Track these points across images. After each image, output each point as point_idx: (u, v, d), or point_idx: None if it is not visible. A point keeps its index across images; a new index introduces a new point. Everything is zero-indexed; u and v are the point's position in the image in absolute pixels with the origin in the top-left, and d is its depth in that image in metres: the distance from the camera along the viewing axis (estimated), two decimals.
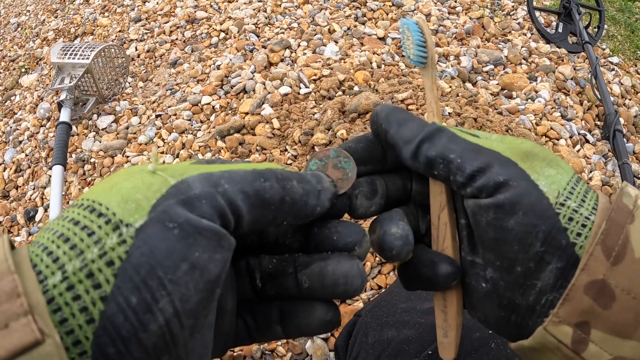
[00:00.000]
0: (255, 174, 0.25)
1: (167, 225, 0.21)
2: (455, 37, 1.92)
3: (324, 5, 2.07)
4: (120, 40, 2.11)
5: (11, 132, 1.85)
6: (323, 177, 0.29)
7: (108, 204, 0.22)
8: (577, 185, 0.28)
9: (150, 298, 0.20)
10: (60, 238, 0.21)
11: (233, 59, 1.81)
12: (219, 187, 0.23)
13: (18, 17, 2.66)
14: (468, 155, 0.28)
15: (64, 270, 0.20)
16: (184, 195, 0.23)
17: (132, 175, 0.24)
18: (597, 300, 0.25)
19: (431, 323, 0.57)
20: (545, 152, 0.29)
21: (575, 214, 0.26)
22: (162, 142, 1.58)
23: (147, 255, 0.21)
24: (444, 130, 0.30)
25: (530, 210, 0.26)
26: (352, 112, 1.39)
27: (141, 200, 0.22)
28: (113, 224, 0.21)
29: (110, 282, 0.20)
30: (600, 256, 0.25)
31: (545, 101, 1.64)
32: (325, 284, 0.28)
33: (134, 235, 0.21)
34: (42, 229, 0.23)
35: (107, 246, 0.20)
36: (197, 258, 0.22)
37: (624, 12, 2.51)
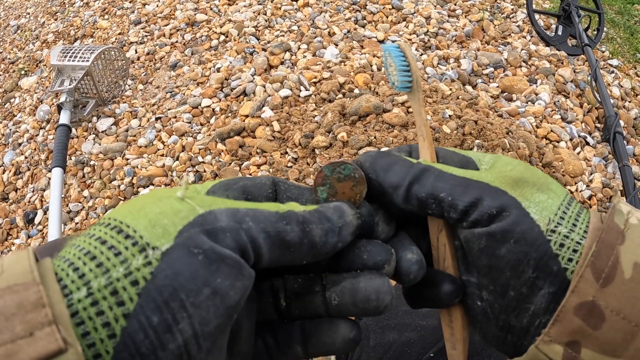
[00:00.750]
0: (279, 217, 0.26)
1: (192, 251, 0.22)
2: (455, 39, 1.92)
3: (324, 8, 2.07)
4: (120, 43, 2.11)
5: (11, 134, 1.85)
6: (346, 211, 0.29)
7: (135, 226, 0.23)
8: (569, 209, 0.28)
9: (171, 319, 0.21)
10: (87, 255, 0.22)
11: (233, 61, 1.81)
12: (244, 224, 0.24)
13: (18, 20, 2.67)
14: (458, 191, 0.29)
15: (89, 286, 0.21)
16: (209, 225, 0.23)
17: (160, 200, 0.24)
18: (587, 320, 0.25)
19: (433, 325, 0.57)
20: (536, 176, 0.30)
21: (566, 240, 0.27)
22: (162, 145, 1.57)
23: (171, 278, 0.21)
24: (429, 169, 0.30)
25: (522, 238, 0.27)
26: (353, 114, 1.39)
27: (168, 225, 0.23)
28: (140, 246, 0.22)
29: (134, 300, 0.21)
30: (590, 278, 0.26)
31: (546, 104, 1.64)
32: (357, 300, 0.29)
33: (159, 257, 0.22)
34: (67, 245, 0.24)
35: (133, 266, 0.21)
36: (219, 284, 0.22)
37: (623, 15, 2.52)
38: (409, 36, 1.89)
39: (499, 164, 0.31)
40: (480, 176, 0.29)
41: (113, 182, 1.50)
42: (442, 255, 0.32)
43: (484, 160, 0.32)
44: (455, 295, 0.31)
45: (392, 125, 1.34)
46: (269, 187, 0.30)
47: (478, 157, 0.32)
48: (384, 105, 1.40)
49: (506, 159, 0.31)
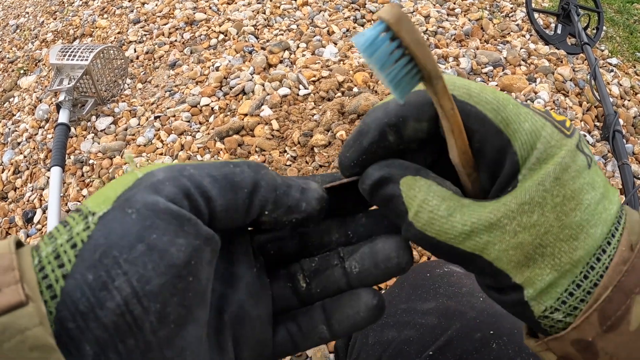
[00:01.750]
0: (225, 163, 0.26)
1: (126, 211, 0.23)
2: (454, 38, 1.92)
3: (323, 7, 2.07)
4: (119, 42, 2.11)
5: (10, 133, 1.85)
6: (309, 180, 0.29)
7: (88, 202, 0.24)
8: (584, 282, 0.25)
9: (105, 275, 0.21)
10: (48, 236, 0.23)
11: (232, 60, 1.81)
12: (184, 172, 0.24)
13: (17, 19, 2.66)
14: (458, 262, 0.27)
15: (40, 254, 0.22)
16: (147, 182, 0.24)
17: (124, 182, 0.25)
18: (581, 353, 0.26)
19: (432, 324, 0.56)
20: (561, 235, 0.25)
21: (558, 323, 0.26)
22: (161, 144, 1.57)
23: (104, 237, 0.22)
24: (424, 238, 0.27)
25: (514, 312, 0.28)
26: (352, 113, 1.39)
27: (109, 193, 0.24)
28: (83, 215, 0.23)
29: (72, 261, 0.22)
30: (594, 322, 0.25)
31: (545, 102, 1.64)
32: (378, 261, 0.29)
33: (97, 221, 0.23)
34: None
35: (74, 232, 0.22)
36: (155, 240, 0.22)
37: (622, 14, 2.52)
38: None
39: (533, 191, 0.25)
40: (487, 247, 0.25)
41: (112, 181, 1.50)
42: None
43: (530, 158, 0.26)
44: None
45: None
46: None
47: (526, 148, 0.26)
48: None
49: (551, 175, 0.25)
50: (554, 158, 0.25)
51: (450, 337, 0.54)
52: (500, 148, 0.26)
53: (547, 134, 0.26)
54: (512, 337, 0.53)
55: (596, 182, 0.26)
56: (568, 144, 0.26)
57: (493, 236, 0.25)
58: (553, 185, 0.25)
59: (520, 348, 0.52)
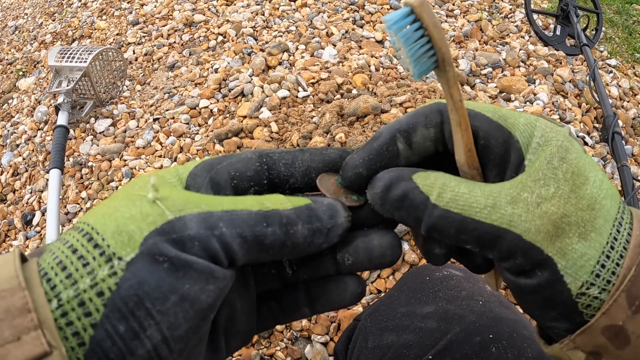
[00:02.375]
0: (259, 217, 0.25)
1: (157, 259, 0.22)
2: (454, 40, 1.92)
3: (322, 9, 2.07)
4: (118, 44, 2.11)
5: (8, 135, 1.85)
6: (339, 212, 0.28)
7: (104, 233, 0.23)
8: (611, 253, 0.26)
9: (137, 327, 0.22)
10: (58, 265, 0.22)
11: (231, 62, 1.80)
12: (216, 230, 0.24)
13: (16, 20, 2.66)
14: (485, 243, 0.26)
15: (59, 298, 0.21)
16: (176, 234, 0.23)
17: (132, 202, 0.24)
18: (612, 341, 0.25)
19: (431, 328, 0.56)
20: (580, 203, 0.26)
21: (594, 301, 0.26)
22: (160, 146, 1.57)
23: (135, 288, 0.22)
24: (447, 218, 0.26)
25: (549, 298, 0.27)
26: (351, 115, 1.39)
27: (134, 232, 0.23)
28: (106, 256, 0.22)
29: (100, 311, 0.21)
30: (623, 304, 0.25)
31: (544, 104, 1.64)
32: (373, 257, 0.29)
33: (124, 267, 0.22)
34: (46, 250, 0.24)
35: (99, 277, 0.22)
36: (188, 290, 0.23)
37: (621, 15, 2.52)
38: None
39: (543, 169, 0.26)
40: (512, 220, 0.26)
41: (111, 183, 1.50)
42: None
43: (532, 143, 0.27)
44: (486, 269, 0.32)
45: None
46: (255, 161, 0.29)
47: (526, 135, 0.28)
48: (382, 106, 1.40)
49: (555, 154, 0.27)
50: (553, 141, 0.27)
51: (450, 341, 0.54)
52: (504, 140, 0.28)
53: (542, 124, 0.28)
54: (512, 341, 0.52)
55: (595, 164, 0.28)
56: (563, 131, 0.28)
57: (518, 208, 0.26)
58: (560, 163, 0.26)
59: (519, 352, 0.51)
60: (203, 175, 0.28)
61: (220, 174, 0.28)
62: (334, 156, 0.31)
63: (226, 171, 0.28)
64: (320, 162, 0.30)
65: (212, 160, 0.28)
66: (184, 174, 0.28)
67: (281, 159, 0.30)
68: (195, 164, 0.28)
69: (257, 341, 1.03)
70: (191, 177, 0.28)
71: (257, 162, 0.29)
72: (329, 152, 0.31)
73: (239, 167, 0.29)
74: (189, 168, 0.28)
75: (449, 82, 0.27)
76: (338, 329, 1.02)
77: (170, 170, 0.28)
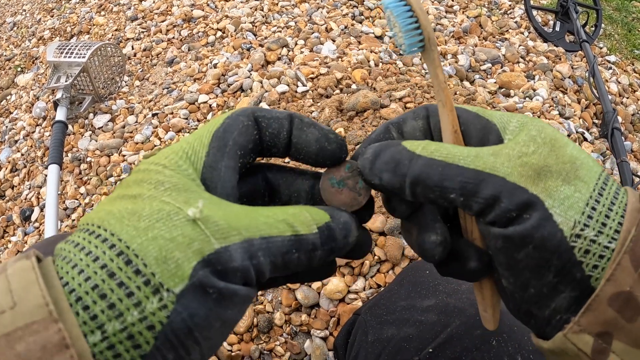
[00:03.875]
0: (290, 245, 0.26)
1: (207, 291, 0.23)
2: (453, 35, 1.91)
3: (321, 4, 2.06)
4: (117, 39, 2.10)
5: (7, 131, 1.84)
6: (352, 232, 0.29)
7: (145, 257, 0.22)
8: (600, 200, 0.26)
9: (184, 352, 0.22)
10: (95, 290, 0.21)
11: (230, 57, 1.80)
12: (254, 260, 0.24)
13: (14, 16, 2.65)
14: (469, 189, 0.26)
15: (103, 330, 0.21)
16: (222, 265, 0.23)
17: (169, 219, 0.23)
18: (622, 312, 0.24)
19: (431, 321, 0.56)
20: (562, 161, 0.26)
21: (592, 245, 0.25)
22: (159, 141, 1.57)
23: (186, 321, 0.22)
24: (431, 165, 0.27)
25: (542, 244, 0.25)
26: (350, 110, 1.39)
27: (182, 261, 0.22)
28: (153, 287, 0.22)
29: (150, 343, 0.21)
30: (628, 266, 0.24)
31: (543, 99, 1.64)
32: None
33: (174, 300, 0.22)
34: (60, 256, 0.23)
35: (148, 310, 0.21)
36: (229, 315, 0.24)
37: (620, 11, 2.51)
38: None
39: (522, 138, 0.27)
40: (495, 165, 0.26)
41: (110, 178, 1.50)
42: (470, 228, 0.31)
43: (508, 126, 0.29)
44: (481, 273, 0.30)
45: None
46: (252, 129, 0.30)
47: (502, 122, 0.30)
48: (382, 101, 1.39)
49: (531, 130, 0.28)
50: (530, 122, 0.29)
51: (450, 334, 0.54)
52: (482, 126, 0.30)
53: (517, 117, 0.30)
54: (512, 333, 0.52)
55: None
56: (537, 119, 0.29)
57: (500, 158, 0.26)
58: (539, 132, 0.28)
59: (520, 345, 0.51)
60: (218, 167, 0.28)
61: (232, 159, 0.28)
62: (310, 137, 0.30)
63: (234, 153, 0.29)
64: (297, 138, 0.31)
65: (218, 142, 0.28)
66: (197, 162, 0.27)
67: (268, 127, 0.30)
68: (204, 148, 0.28)
69: (256, 336, 1.03)
70: (207, 170, 0.27)
71: (254, 131, 0.30)
72: (309, 131, 0.31)
73: (242, 142, 0.29)
74: (200, 154, 0.28)
75: (434, 62, 0.30)
76: (338, 324, 1.01)
77: (179, 153, 0.28)
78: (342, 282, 1.05)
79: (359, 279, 1.06)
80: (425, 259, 0.30)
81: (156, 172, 0.26)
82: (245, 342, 1.03)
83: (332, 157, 0.31)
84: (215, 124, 0.29)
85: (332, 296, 1.04)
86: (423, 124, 0.32)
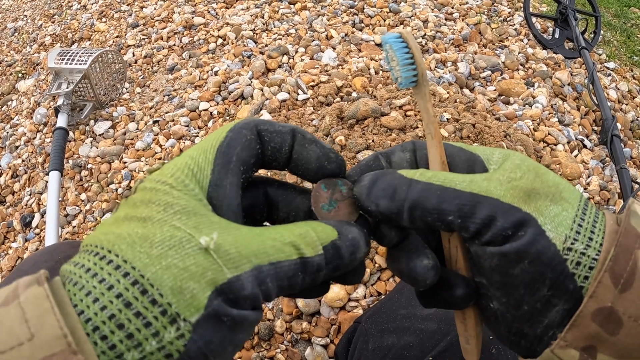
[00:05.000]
0: (297, 268, 0.26)
1: (222, 319, 0.24)
2: (453, 43, 1.92)
3: (322, 12, 2.07)
4: (118, 46, 2.11)
5: (8, 137, 1.85)
6: (360, 248, 0.29)
7: (160, 287, 0.23)
8: (584, 218, 0.28)
9: None
10: (112, 320, 0.22)
11: (231, 65, 1.81)
12: (263, 286, 0.25)
13: (15, 22, 2.66)
14: (466, 211, 0.27)
15: (122, 359, 0.21)
16: (233, 294, 0.24)
17: (182, 247, 0.24)
18: (604, 326, 0.25)
19: (431, 329, 0.56)
20: (547, 185, 0.28)
21: (582, 257, 0.26)
22: (160, 148, 1.57)
23: (202, 348, 0.23)
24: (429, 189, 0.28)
25: (537, 258, 0.26)
26: (351, 118, 1.39)
27: (196, 291, 0.23)
28: (169, 317, 0.22)
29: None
30: (608, 283, 0.25)
31: (543, 107, 1.64)
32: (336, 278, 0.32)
33: (191, 329, 0.23)
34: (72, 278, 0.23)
35: (166, 340, 0.22)
36: (240, 339, 0.25)
37: (619, 18, 2.53)
38: None
39: (508, 166, 0.29)
40: (489, 189, 0.28)
41: (110, 185, 1.50)
42: (455, 256, 0.32)
43: (492, 158, 0.31)
44: (469, 299, 0.31)
45: (390, 129, 1.34)
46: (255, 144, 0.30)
47: (486, 154, 0.32)
48: (382, 109, 1.40)
49: (515, 160, 0.30)
50: (512, 154, 0.31)
51: (450, 343, 0.54)
52: (467, 158, 0.32)
53: (499, 150, 0.32)
54: None
55: None
56: (517, 152, 0.31)
57: (492, 182, 0.28)
58: (522, 161, 0.30)
59: None
60: (224, 185, 0.28)
61: (235, 175, 0.29)
62: (311, 155, 0.31)
63: (238, 169, 0.29)
64: (297, 154, 0.31)
65: (223, 158, 0.28)
66: (203, 180, 0.27)
67: (271, 141, 0.30)
68: (209, 164, 0.28)
69: (257, 344, 1.03)
70: (213, 189, 0.27)
71: (257, 145, 0.30)
72: (310, 149, 0.31)
73: (244, 157, 0.29)
74: (205, 171, 0.28)
75: (425, 96, 0.33)
76: (338, 331, 1.02)
77: (184, 171, 0.27)
78: (343, 290, 1.05)
79: (360, 286, 1.06)
80: (416, 286, 0.31)
81: (164, 193, 0.26)
82: (246, 349, 1.03)
83: (331, 176, 0.32)
84: (218, 137, 0.29)
85: (332, 304, 1.04)
86: (410, 156, 0.34)
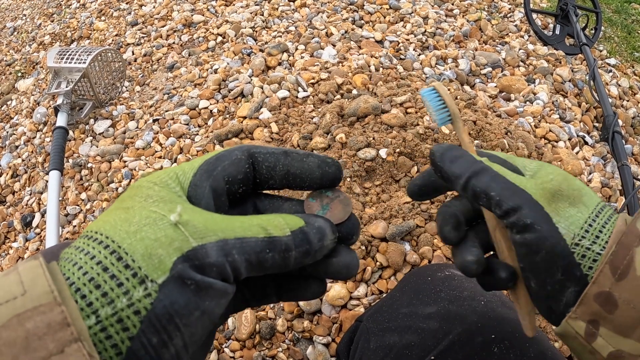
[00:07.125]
0: (264, 245, 0.29)
1: (186, 282, 0.26)
2: (453, 39, 1.91)
3: (322, 9, 2.07)
4: (117, 45, 2.11)
5: (7, 137, 1.84)
6: (327, 235, 0.32)
7: (133, 254, 0.26)
8: (596, 220, 0.35)
9: (167, 337, 0.25)
10: (91, 282, 0.25)
11: (230, 62, 1.80)
12: (229, 257, 0.28)
13: (14, 21, 2.66)
14: (505, 194, 0.35)
15: (97, 314, 0.24)
16: (199, 261, 0.27)
17: (154, 223, 0.27)
18: (604, 306, 0.33)
19: (433, 328, 0.56)
20: (571, 188, 0.36)
21: (587, 252, 0.34)
22: (160, 147, 1.57)
23: (168, 307, 0.25)
24: (488, 170, 0.37)
25: (551, 250, 0.34)
26: (351, 115, 1.39)
27: (164, 256, 0.26)
28: (139, 278, 0.25)
29: (137, 326, 0.25)
30: (607, 273, 0.32)
31: (544, 103, 1.64)
32: (329, 271, 0.34)
33: (157, 289, 0.25)
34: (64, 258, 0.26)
35: (135, 298, 0.25)
36: (207, 306, 0.27)
37: (620, 14, 2.52)
38: (407, 36, 1.89)
39: (542, 172, 0.38)
40: (526, 185, 0.36)
41: (111, 184, 1.50)
42: (500, 248, 0.40)
43: (529, 167, 0.40)
44: (509, 280, 0.38)
45: (390, 126, 1.34)
46: (245, 163, 0.33)
47: (524, 164, 0.40)
48: (383, 106, 1.40)
49: (548, 169, 0.38)
50: (546, 165, 0.39)
51: (452, 342, 0.54)
52: (509, 166, 0.40)
53: (534, 162, 0.40)
54: (514, 341, 0.52)
55: None
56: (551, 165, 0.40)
57: (530, 182, 0.36)
58: (554, 170, 0.38)
59: (522, 352, 0.51)
60: (203, 185, 0.31)
61: (218, 181, 0.32)
62: (312, 165, 0.34)
63: (222, 177, 0.32)
64: (299, 168, 0.34)
65: (207, 166, 0.32)
66: (185, 182, 0.31)
67: (265, 161, 0.33)
68: (193, 170, 0.32)
69: (258, 342, 1.03)
70: (193, 188, 0.31)
71: (246, 164, 0.33)
72: (308, 161, 0.34)
73: (231, 171, 0.32)
74: (188, 175, 0.31)
75: (460, 129, 0.42)
76: (340, 330, 1.01)
77: (170, 174, 0.31)
78: (344, 289, 1.04)
79: (361, 285, 1.06)
80: (466, 274, 0.39)
81: (147, 188, 0.30)
82: (248, 348, 1.03)
83: (334, 178, 0.35)
84: (210, 154, 0.33)
85: (334, 302, 1.04)
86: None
